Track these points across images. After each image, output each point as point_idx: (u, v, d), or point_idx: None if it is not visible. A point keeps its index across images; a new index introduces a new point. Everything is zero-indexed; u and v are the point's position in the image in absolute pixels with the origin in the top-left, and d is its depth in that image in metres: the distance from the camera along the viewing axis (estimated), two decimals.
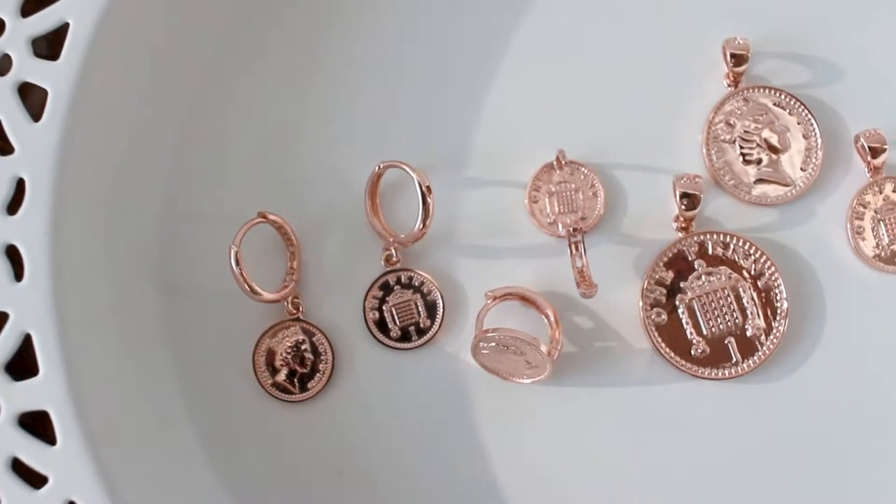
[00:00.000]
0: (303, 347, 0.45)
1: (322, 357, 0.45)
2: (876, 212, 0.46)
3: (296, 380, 0.44)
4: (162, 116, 0.45)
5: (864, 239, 0.46)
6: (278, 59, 0.47)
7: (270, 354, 0.45)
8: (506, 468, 0.44)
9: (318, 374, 0.44)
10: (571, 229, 0.45)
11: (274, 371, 0.44)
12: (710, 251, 0.46)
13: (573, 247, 0.44)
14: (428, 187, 0.44)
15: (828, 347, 0.45)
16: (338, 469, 0.44)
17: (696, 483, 0.44)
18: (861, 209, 0.46)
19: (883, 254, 0.46)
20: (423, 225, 0.44)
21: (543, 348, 0.43)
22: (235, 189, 0.46)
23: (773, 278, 0.45)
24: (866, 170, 0.47)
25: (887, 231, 0.46)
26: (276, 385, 0.44)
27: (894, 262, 0.46)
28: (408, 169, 0.44)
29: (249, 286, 0.43)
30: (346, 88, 0.47)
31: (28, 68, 0.41)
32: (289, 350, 0.45)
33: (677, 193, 0.45)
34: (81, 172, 0.42)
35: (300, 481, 0.44)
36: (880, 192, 0.47)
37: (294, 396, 0.44)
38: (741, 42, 0.46)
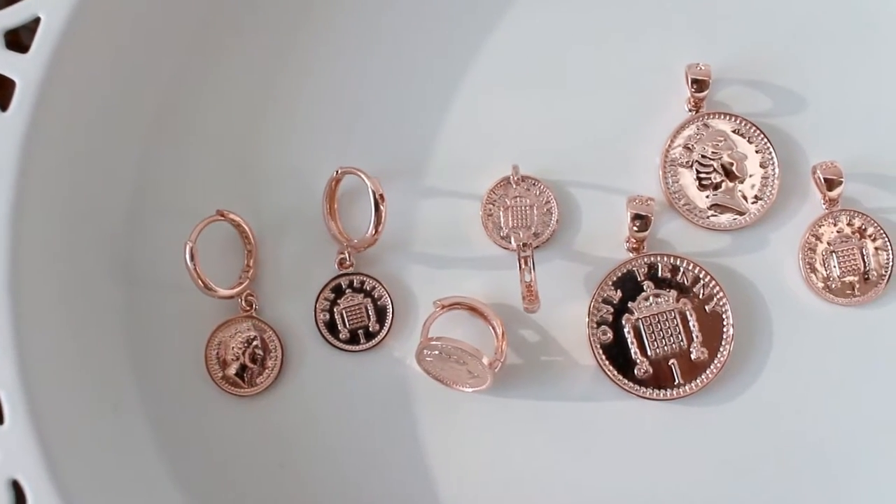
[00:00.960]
0: (254, 344, 0.46)
1: (272, 354, 0.46)
2: (829, 244, 0.47)
3: (245, 375, 0.46)
4: (130, 113, 0.46)
5: (814, 270, 0.47)
6: (247, 61, 0.48)
7: (222, 349, 0.46)
8: (442, 474, 0.45)
9: (267, 371, 0.46)
10: (522, 244, 0.45)
11: (224, 365, 0.46)
12: (659, 273, 0.46)
13: (522, 261, 0.45)
14: (381, 195, 0.45)
15: (771, 375, 0.46)
16: (279, 463, 0.45)
17: (629, 502, 0.45)
18: (814, 240, 0.47)
19: (833, 286, 0.46)
20: (375, 231, 0.45)
21: (485, 360, 0.44)
22: (199, 186, 0.47)
23: (720, 303, 0.46)
24: (822, 201, 0.47)
25: (839, 263, 0.46)
26: (225, 378, 0.46)
27: (844, 295, 0.46)
28: (363, 176, 0.45)
29: (203, 282, 0.44)
30: (312, 94, 0.48)
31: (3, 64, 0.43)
32: (240, 345, 0.46)
33: (629, 214, 0.46)
34: (46, 163, 0.43)
35: (243, 471, 0.45)
36: (834, 225, 0.47)
37: (242, 391, 0.45)
38: (703, 68, 0.47)
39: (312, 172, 0.47)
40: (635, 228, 0.46)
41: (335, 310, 0.46)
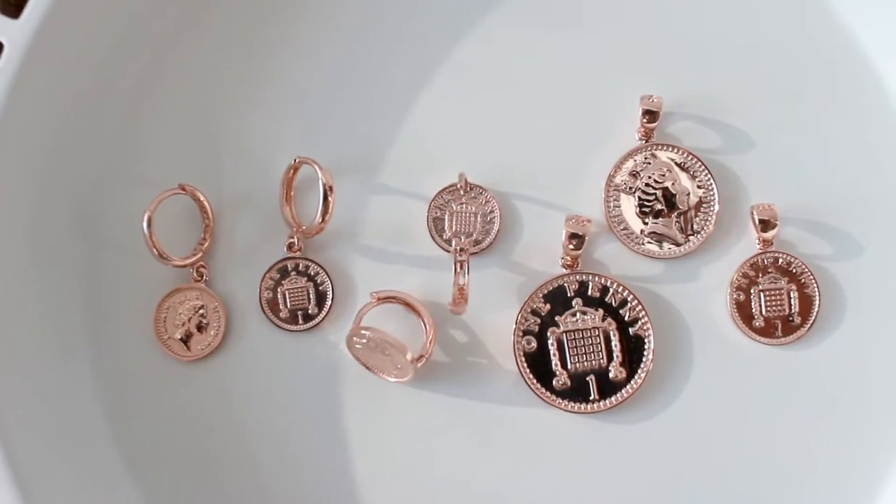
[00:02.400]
0: (199, 312, 0.49)
1: (215, 324, 0.49)
2: (758, 283, 0.48)
3: (189, 342, 0.49)
4: (107, 89, 0.49)
5: (741, 307, 0.48)
6: (224, 49, 0.51)
7: (171, 313, 0.49)
8: (359, 455, 0.47)
9: (208, 339, 0.49)
10: (459, 248, 0.48)
11: (172, 329, 0.49)
12: (588, 291, 0.48)
13: (458, 265, 0.47)
14: (330, 187, 0.47)
15: (685, 403, 0.48)
16: (210, 427, 0.48)
17: None
18: (744, 279, 0.48)
19: (757, 324, 0.48)
20: (322, 220, 0.48)
21: (409, 355, 0.46)
22: (166, 162, 0.50)
23: (644, 328, 0.48)
24: (757, 242, 0.48)
25: (765, 303, 0.48)
26: (170, 341, 0.49)
27: (766, 334, 0.48)
28: (316, 167, 0.47)
29: (158, 250, 0.47)
30: (280, 86, 0.50)
31: None
32: (187, 312, 0.49)
33: (566, 233, 0.48)
34: (25, 123, 0.46)
35: (174, 429, 0.48)
36: (766, 266, 0.48)
37: (184, 355, 0.48)
38: (655, 100, 0.49)
39: (273, 159, 0.49)
40: (571, 247, 0.48)
41: (279, 290, 0.49)
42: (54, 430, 0.46)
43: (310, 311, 0.49)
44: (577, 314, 0.48)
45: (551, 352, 0.48)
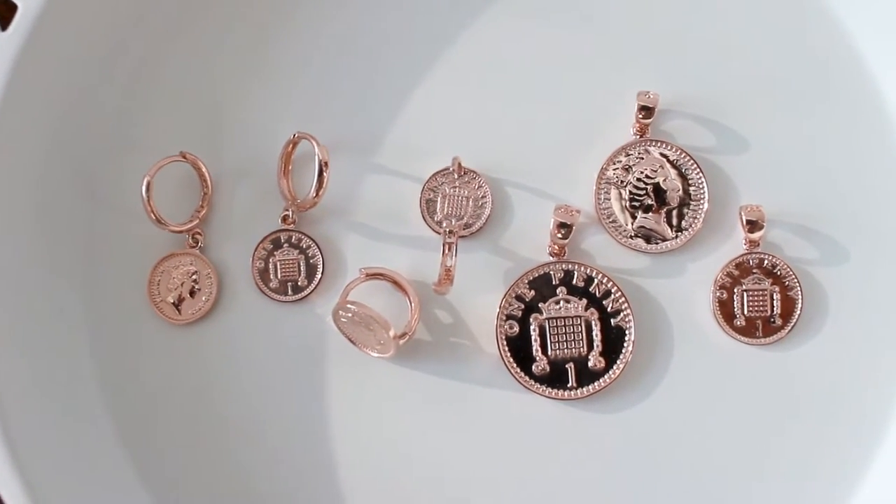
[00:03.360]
0: (193, 277, 0.50)
1: (207, 290, 0.50)
2: (742, 283, 0.49)
3: (181, 306, 0.50)
4: (116, 57, 0.50)
5: (723, 305, 0.49)
6: (232, 22, 0.52)
7: (165, 276, 0.50)
8: (338, 426, 0.48)
9: (199, 304, 0.50)
10: (448, 231, 0.48)
11: (164, 293, 0.50)
12: (573, 281, 0.49)
13: (447, 247, 0.48)
14: (326, 163, 0.48)
15: (661, 396, 0.48)
16: (196, 388, 0.49)
17: (507, 487, 0.48)
18: (728, 278, 0.49)
19: (738, 323, 0.48)
20: (316, 195, 0.49)
21: (391, 332, 0.47)
22: (170, 130, 0.51)
23: (626, 320, 0.48)
24: (744, 242, 0.49)
25: (748, 303, 0.48)
26: (162, 304, 0.50)
27: (747, 333, 0.48)
28: (314, 143, 0.48)
29: (155, 214, 0.49)
30: (287, 62, 0.51)
31: None
32: (181, 276, 0.50)
33: (554, 221, 0.48)
34: (36, 84, 0.48)
35: (163, 390, 0.49)
36: (751, 266, 0.49)
37: (176, 318, 0.50)
38: (652, 96, 0.49)
39: (274, 133, 0.50)
40: (559, 235, 0.48)
41: (271, 260, 0.50)
42: (44, 384, 0.48)
43: (299, 283, 0.50)
44: (561, 302, 0.49)
45: (532, 337, 0.48)
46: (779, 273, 0.49)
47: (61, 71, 0.49)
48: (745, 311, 0.48)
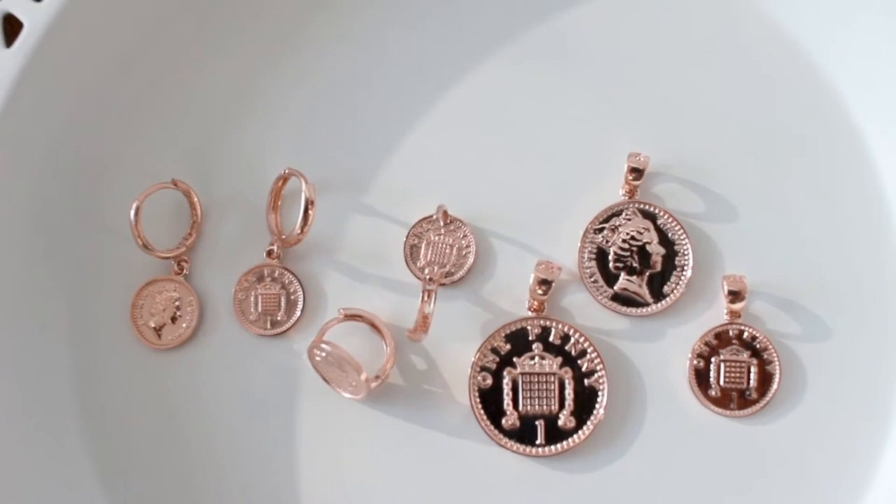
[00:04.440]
0: (175, 304, 0.50)
1: (188, 317, 0.50)
2: (720, 354, 0.48)
3: (162, 331, 0.50)
4: (117, 83, 0.51)
5: (699, 374, 0.48)
6: (235, 57, 0.52)
7: (148, 301, 0.50)
8: (308, 462, 0.48)
9: (179, 331, 0.50)
10: (429, 278, 0.48)
11: (146, 317, 0.50)
12: (550, 337, 0.49)
13: (425, 294, 0.48)
14: (312, 201, 0.49)
15: (630, 460, 0.48)
16: (169, 414, 0.49)
17: None
18: (706, 347, 0.48)
19: (713, 393, 0.48)
20: (301, 231, 0.49)
21: (363, 376, 0.47)
22: (165, 157, 0.51)
23: (600, 381, 0.48)
24: (725, 312, 0.49)
25: (724, 375, 0.48)
26: (143, 328, 0.50)
27: (720, 404, 0.48)
28: (302, 180, 0.49)
29: (142, 239, 0.49)
30: (284, 98, 0.52)
31: (12, 3, 0.49)
32: (163, 302, 0.50)
33: (535, 277, 0.48)
34: (36, 104, 0.49)
35: (139, 412, 0.49)
36: (730, 338, 0.48)
37: (155, 343, 0.50)
38: (642, 159, 0.49)
39: (267, 166, 0.51)
40: (539, 291, 0.48)
41: (252, 293, 0.50)
42: (20, 396, 0.48)
43: (279, 318, 0.50)
44: (536, 358, 0.49)
45: (505, 391, 0.48)
46: (758, 346, 0.48)
47: (61, 91, 0.50)
48: (721, 382, 0.48)
